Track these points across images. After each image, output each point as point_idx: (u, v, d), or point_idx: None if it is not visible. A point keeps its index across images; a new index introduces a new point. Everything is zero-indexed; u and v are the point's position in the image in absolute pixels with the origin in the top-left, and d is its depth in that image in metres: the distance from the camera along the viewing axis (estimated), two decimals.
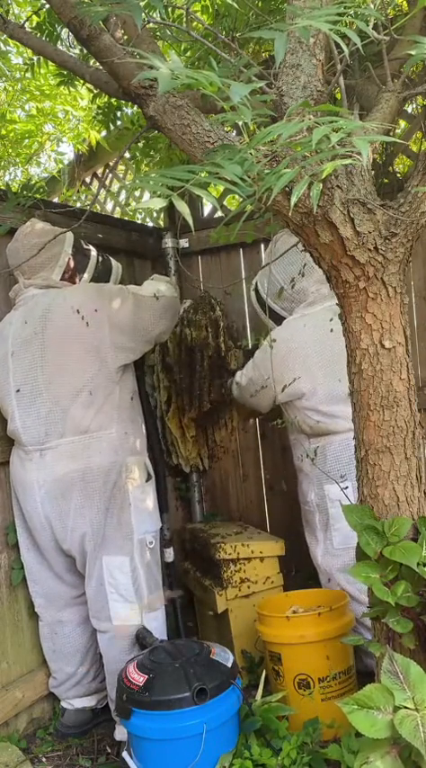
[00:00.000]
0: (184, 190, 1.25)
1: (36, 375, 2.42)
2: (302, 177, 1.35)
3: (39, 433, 2.42)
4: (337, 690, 2.32)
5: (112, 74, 1.72)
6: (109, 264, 2.76)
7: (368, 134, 1.52)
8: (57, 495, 2.41)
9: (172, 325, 2.78)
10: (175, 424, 3.27)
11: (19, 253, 2.50)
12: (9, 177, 5.08)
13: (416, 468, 1.74)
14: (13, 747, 2.35)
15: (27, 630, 2.65)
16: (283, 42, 1.25)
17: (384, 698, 1.40)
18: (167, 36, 2.53)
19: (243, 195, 1.39)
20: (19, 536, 2.57)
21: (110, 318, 2.47)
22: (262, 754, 2.01)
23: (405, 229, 1.61)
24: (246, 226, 2.57)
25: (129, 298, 2.55)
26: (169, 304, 2.68)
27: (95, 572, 2.43)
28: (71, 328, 2.42)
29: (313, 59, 1.61)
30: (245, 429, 3.49)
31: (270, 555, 2.87)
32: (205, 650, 2.18)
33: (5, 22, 2.05)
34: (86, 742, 2.55)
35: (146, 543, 2.49)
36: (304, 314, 2.73)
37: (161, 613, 2.55)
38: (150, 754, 2.04)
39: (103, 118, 3.07)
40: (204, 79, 1.26)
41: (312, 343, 2.65)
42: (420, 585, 1.63)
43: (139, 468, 2.52)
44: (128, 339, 2.52)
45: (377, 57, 2.14)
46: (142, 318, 2.56)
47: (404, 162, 3.21)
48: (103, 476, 2.41)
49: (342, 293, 1.70)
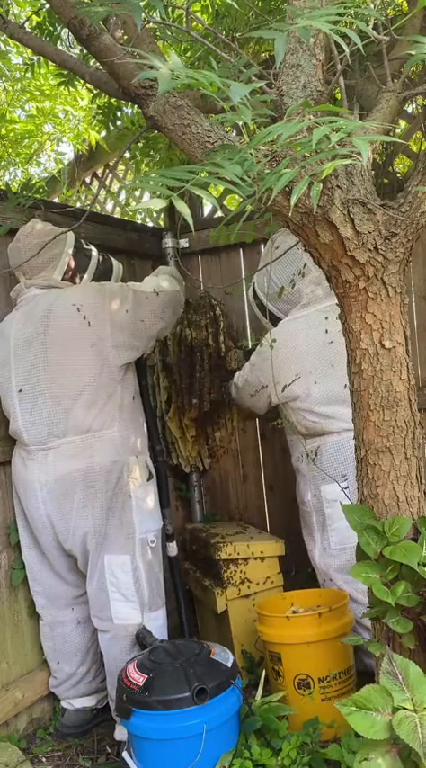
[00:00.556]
0: (184, 190, 1.25)
1: (38, 375, 2.42)
2: (302, 177, 1.35)
3: (41, 433, 2.43)
4: (337, 690, 2.32)
5: (112, 74, 1.72)
6: (109, 264, 2.77)
7: (368, 134, 1.52)
8: (59, 494, 2.41)
9: (174, 320, 2.77)
10: (175, 424, 3.27)
11: (20, 253, 2.50)
12: (9, 177, 5.09)
13: (416, 468, 1.74)
14: (13, 747, 2.35)
15: (27, 630, 2.65)
16: (283, 42, 1.25)
17: (382, 699, 1.40)
18: (167, 36, 2.53)
19: (243, 195, 1.39)
20: (20, 535, 2.57)
21: (111, 317, 2.47)
22: (262, 754, 2.01)
23: (405, 229, 1.61)
24: (246, 226, 2.58)
25: (130, 295, 2.55)
26: (170, 299, 2.67)
27: (97, 571, 2.44)
28: (73, 328, 2.42)
29: (313, 59, 1.61)
30: (245, 429, 3.49)
31: (270, 555, 2.87)
32: (205, 650, 2.18)
33: (5, 22, 2.05)
34: (86, 742, 2.55)
35: (147, 542, 2.49)
36: (298, 315, 2.74)
37: (162, 613, 2.55)
38: (150, 754, 2.04)
39: (103, 118, 3.08)
40: (204, 79, 1.26)
41: (306, 345, 2.65)
42: (420, 585, 1.63)
43: (141, 468, 2.53)
44: (130, 337, 2.53)
45: (377, 57, 2.14)
46: (143, 315, 2.56)
47: (404, 162, 3.21)
48: (105, 475, 2.42)
49: (342, 293, 1.70)
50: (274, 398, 2.74)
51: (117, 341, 2.48)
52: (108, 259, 2.77)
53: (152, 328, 2.60)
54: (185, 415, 3.21)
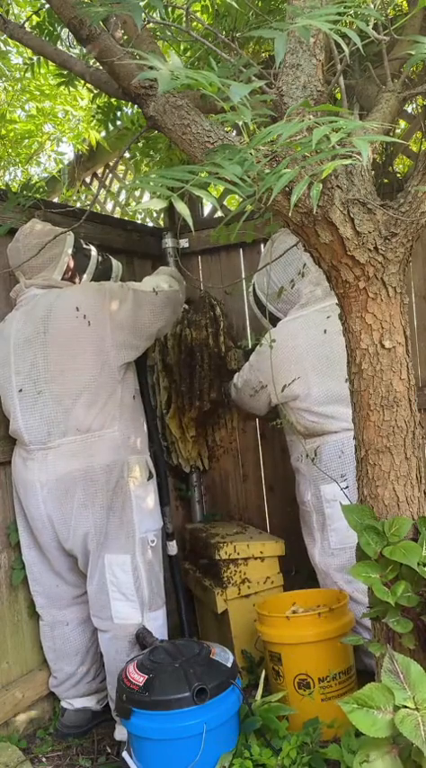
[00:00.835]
0: (184, 190, 1.25)
1: (38, 375, 2.42)
2: (302, 177, 1.35)
3: (41, 433, 2.43)
4: (337, 690, 2.32)
5: (112, 74, 1.72)
6: (109, 264, 2.77)
7: (367, 134, 1.52)
8: (59, 494, 2.41)
9: (173, 319, 2.78)
10: (175, 425, 3.27)
11: (20, 253, 2.50)
12: (9, 177, 5.08)
13: (416, 468, 1.74)
14: (13, 747, 2.35)
15: (27, 630, 2.65)
16: (283, 42, 1.25)
17: (384, 697, 1.40)
18: (167, 36, 2.53)
19: (243, 195, 1.39)
20: (20, 535, 2.57)
21: (111, 317, 2.48)
22: (262, 754, 2.01)
23: (405, 229, 1.61)
24: (246, 226, 2.58)
25: (129, 295, 2.55)
26: (169, 298, 2.68)
27: (97, 571, 2.44)
28: (73, 328, 2.42)
29: (313, 59, 1.61)
30: (245, 429, 3.49)
31: (270, 555, 2.87)
32: (205, 650, 2.18)
33: (5, 22, 2.05)
34: (86, 742, 2.55)
35: (147, 541, 2.49)
36: (297, 315, 2.74)
37: (162, 613, 2.55)
38: (150, 754, 2.04)
39: (103, 118, 3.07)
40: (204, 79, 1.26)
41: (305, 345, 2.65)
42: (420, 585, 1.63)
43: (141, 467, 2.53)
44: (130, 336, 2.53)
45: (377, 57, 2.14)
46: (142, 315, 2.56)
47: (404, 162, 3.21)
48: (106, 474, 2.42)
49: (342, 293, 1.70)
50: (274, 398, 2.74)
51: (117, 340, 2.49)
52: (107, 258, 2.77)
53: (151, 327, 2.60)
54: (185, 415, 3.21)
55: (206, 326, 3.08)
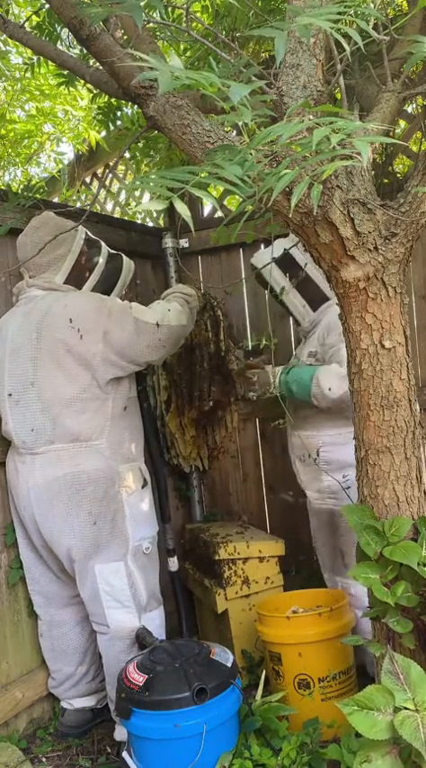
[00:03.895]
0: (184, 190, 1.25)
1: (26, 382, 2.40)
2: (302, 178, 1.35)
3: (28, 438, 2.41)
4: (337, 690, 2.32)
5: (112, 74, 1.72)
6: (120, 262, 2.69)
7: (368, 134, 1.52)
8: (44, 500, 2.39)
9: (172, 351, 2.65)
10: (175, 424, 3.27)
11: (26, 248, 2.48)
12: (9, 177, 5.09)
13: (416, 468, 1.74)
14: (13, 747, 2.35)
15: (27, 630, 2.65)
16: (283, 41, 1.25)
17: (384, 699, 1.40)
18: (167, 36, 2.53)
19: (243, 196, 1.39)
20: (17, 535, 2.57)
21: (105, 335, 2.41)
22: (262, 754, 2.01)
23: (405, 229, 1.61)
24: (246, 226, 2.57)
25: (129, 322, 2.45)
26: (171, 334, 2.53)
27: (88, 580, 2.41)
28: (65, 340, 2.38)
29: (313, 59, 1.61)
30: (245, 429, 3.49)
31: (270, 555, 2.87)
32: (205, 650, 2.18)
33: (5, 22, 2.05)
34: (86, 742, 2.55)
35: (142, 549, 2.48)
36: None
37: (159, 612, 2.54)
38: (150, 754, 2.04)
39: (103, 118, 3.07)
40: (204, 80, 1.26)
41: None
42: (420, 585, 1.63)
43: (134, 475, 2.51)
44: (119, 359, 2.45)
45: (377, 57, 2.14)
46: (137, 345, 2.46)
47: (404, 162, 3.21)
48: (92, 484, 2.39)
49: (342, 293, 1.70)
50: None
51: (106, 358, 2.42)
52: (118, 256, 2.69)
53: (143, 358, 2.51)
54: (185, 415, 3.21)
55: (206, 326, 3.08)
